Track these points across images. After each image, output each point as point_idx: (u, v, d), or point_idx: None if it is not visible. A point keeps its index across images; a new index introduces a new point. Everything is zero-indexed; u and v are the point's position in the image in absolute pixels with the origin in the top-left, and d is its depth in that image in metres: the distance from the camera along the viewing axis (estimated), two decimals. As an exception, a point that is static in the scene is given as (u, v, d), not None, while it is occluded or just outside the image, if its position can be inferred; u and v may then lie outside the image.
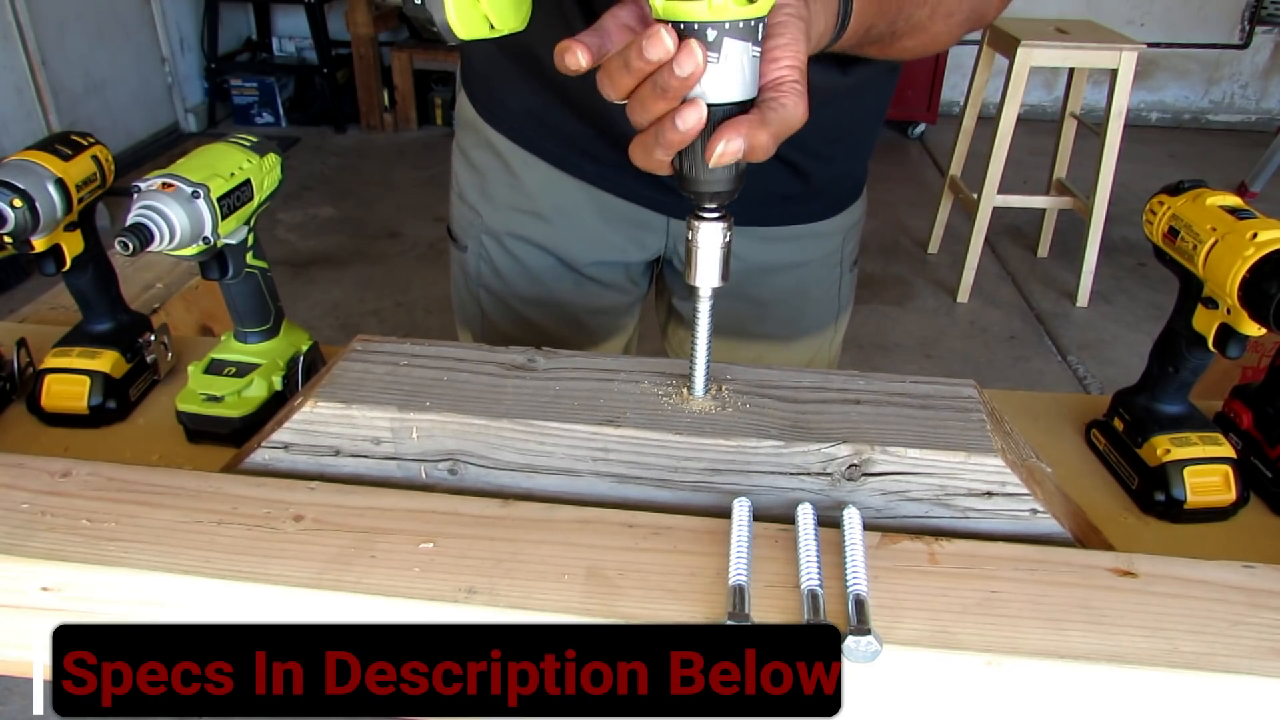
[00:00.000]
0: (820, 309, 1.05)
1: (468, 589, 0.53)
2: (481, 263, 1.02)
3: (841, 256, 1.03)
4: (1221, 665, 0.49)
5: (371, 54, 4.59)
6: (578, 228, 0.97)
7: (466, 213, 1.02)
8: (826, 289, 1.04)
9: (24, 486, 0.60)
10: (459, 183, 1.03)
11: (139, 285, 0.99)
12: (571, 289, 1.00)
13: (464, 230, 1.03)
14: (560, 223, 0.97)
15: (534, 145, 0.94)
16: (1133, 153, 3.75)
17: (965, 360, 2.89)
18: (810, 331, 1.06)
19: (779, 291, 1.01)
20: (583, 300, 1.01)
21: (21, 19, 3.38)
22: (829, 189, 0.97)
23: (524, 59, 0.89)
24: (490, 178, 0.98)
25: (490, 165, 0.98)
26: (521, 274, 1.00)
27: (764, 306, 1.01)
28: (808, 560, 0.53)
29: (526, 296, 1.01)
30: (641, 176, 0.89)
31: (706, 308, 0.62)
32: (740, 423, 0.61)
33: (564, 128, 0.91)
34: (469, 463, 0.62)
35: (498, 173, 0.97)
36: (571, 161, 0.93)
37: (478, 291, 1.04)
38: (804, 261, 1.00)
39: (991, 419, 0.63)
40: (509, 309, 1.03)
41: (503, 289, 1.02)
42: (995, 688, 0.50)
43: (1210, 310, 0.67)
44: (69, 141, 0.74)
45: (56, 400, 0.75)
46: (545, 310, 1.02)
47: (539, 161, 0.94)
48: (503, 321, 1.04)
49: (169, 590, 0.54)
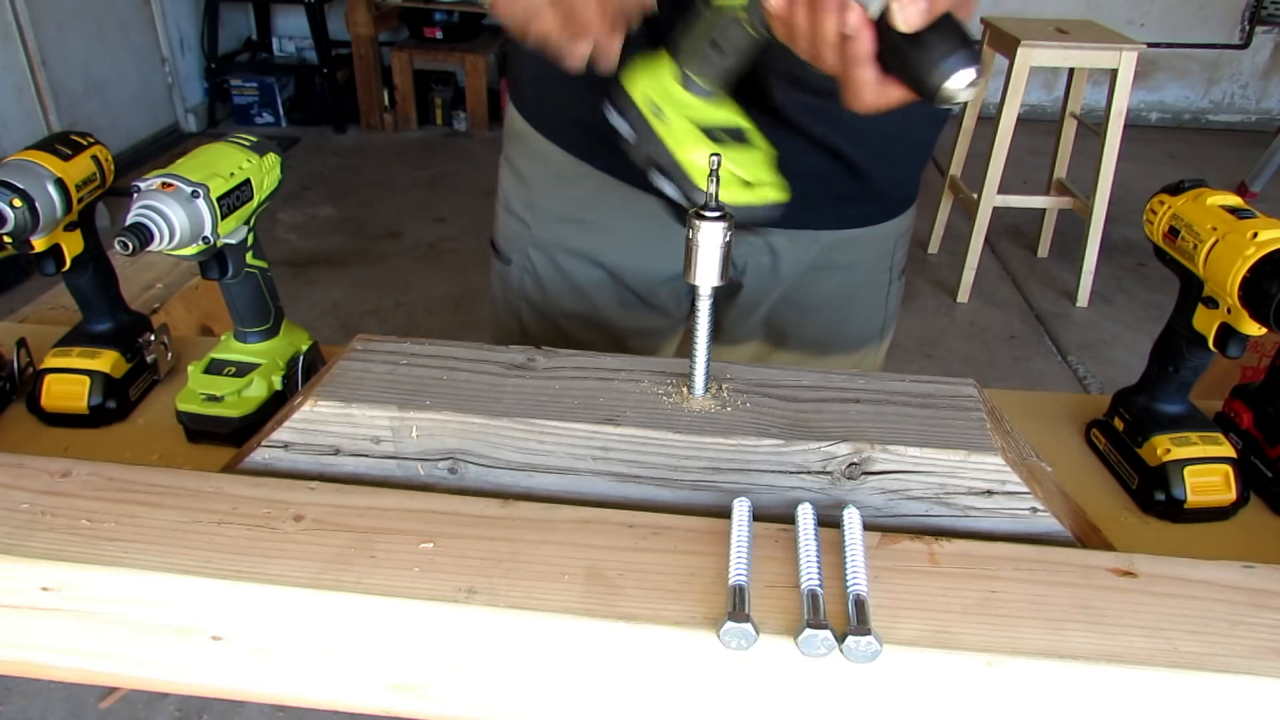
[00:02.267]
0: (865, 318, 1.04)
1: (468, 589, 0.53)
2: (525, 275, 1.01)
3: (891, 263, 1.01)
4: (1221, 665, 0.49)
5: (371, 54, 4.59)
6: (627, 236, 0.96)
7: (513, 224, 1.01)
8: (873, 296, 1.02)
9: (24, 486, 0.60)
10: (506, 194, 1.02)
11: (139, 285, 0.99)
12: (616, 307, 1.00)
13: (509, 242, 1.02)
14: (609, 232, 0.96)
15: (584, 152, 0.93)
16: (1133, 153, 3.76)
17: (965, 360, 2.89)
18: (852, 344, 1.04)
19: (824, 295, 0.99)
20: (626, 321, 1.00)
21: (21, 19, 3.38)
22: (885, 192, 0.96)
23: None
24: (539, 189, 0.98)
25: (539, 176, 0.97)
26: (567, 288, 0.99)
27: (807, 311, 1.00)
28: (808, 560, 0.53)
29: (570, 311, 1.00)
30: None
31: (706, 306, 0.62)
32: (740, 421, 0.61)
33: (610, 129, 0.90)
34: (469, 461, 0.62)
35: (547, 183, 0.97)
36: (621, 168, 0.92)
37: (518, 305, 1.03)
38: (853, 264, 0.98)
39: (991, 418, 0.63)
40: (550, 324, 1.02)
41: (545, 303, 1.01)
42: (995, 688, 0.50)
43: (1210, 310, 0.67)
44: (69, 141, 0.73)
45: (56, 400, 0.75)
46: (587, 327, 1.01)
47: (590, 169, 0.94)
48: (543, 338, 1.02)
49: (169, 590, 0.54)
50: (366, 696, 0.55)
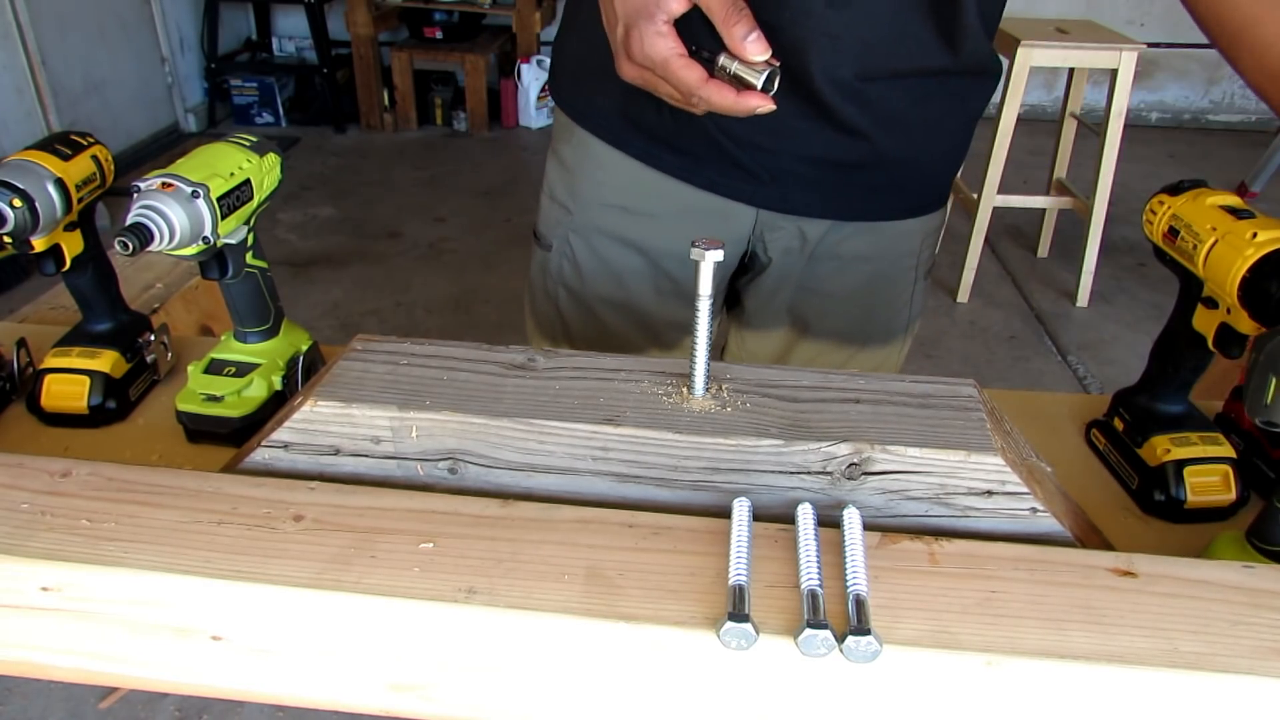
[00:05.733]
0: (889, 315, 1.05)
1: (468, 589, 0.53)
2: (564, 260, 1.03)
3: (918, 260, 1.02)
4: (1221, 665, 0.49)
5: (371, 54, 4.59)
6: (664, 222, 0.97)
7: (555, 210, 1.03)
8: (898, 292, 1.04)
9: (24, 486, 0.60)
10: (550, 182, 1.04)
11: (139, 285, 0.99)
12: (652, 296, 1.01)
13: (551, 228, 1.04)
14: (648, 217, 0.98)
15: (619, 140, 0.96)
16: (1133, 153, 3.76)
17: (965, 360, 2.89)
18: (876, 339, 1.06)
19: (848, 287, 1.01)
20: (662, 311, 1.02)
21: (21, 19, 3.38)
22: (916, 188, 0.98)
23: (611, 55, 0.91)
24: (581, 175, 1.00)
25: (581, 162, 0.99)
26: (604, 274, 1.01)
27: (830, 300, 1.01)
28: (808, 560, 0.53)
29: (606, 298, 1.02)
30: (723, 167, 0.93)
31: (706, 306, 0.62)
32: (740, 422, 0.61)
33: (645, 120, 0.93)
34: (469, 462, 0.62)
35: (588, 169, 0.99)
36: (654, 154, 0.95)
37: (556, 290, 1.05)
38: (878, 256, 1.00)
39: (991, 418, 0.63)
40: (587, 311, 1.03)
41: (583, 289, 1.03)
42: (995, 688, 0.50)
43: (1210, 310, 0.67)
44: (69, 141, 0.73)
45: (56, 400, 0.75)
46: (623, 315, 1.03)
47: (624, 157, 0.96)
48: (579, 324, 1.05)
49: (169, 590, 0.54)
50: (366, 696, 0.55)
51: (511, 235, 3.63)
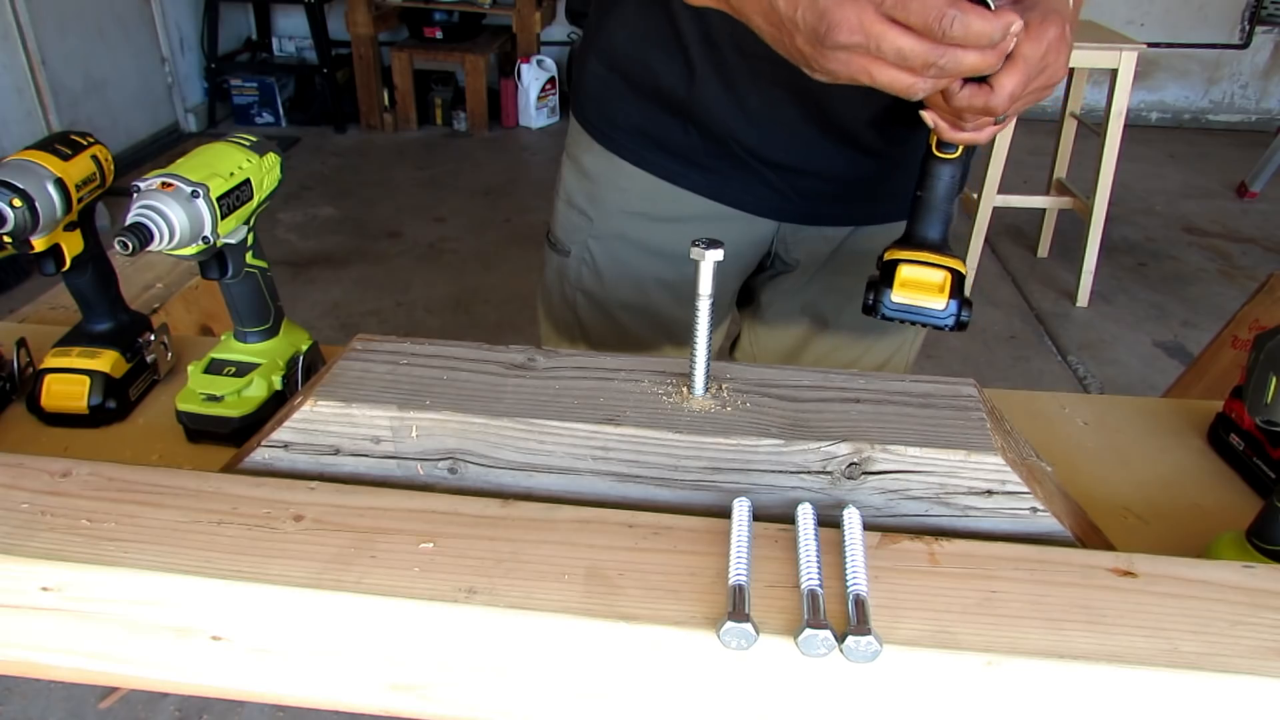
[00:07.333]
0: None
1: (468, 589, 0.53)
2: (584, 266, 1.03)
3: None
4: (1221, 665, 0.49)
5: (371, 54, 4.59)
6: (687, 225, 0.98)
7: (574, 217, 1.03)
8: None
9: (24, 486, 0.60)
10: (567, 188, 1.04)
11: (139, 285, 0.99)
12: (670, 301, 1.02)
13: (569, 235, 1.04)
14: (670, 221, 0.98)
15: (641, 160, 0.96)
16: (1133, 153, 3.76)
17: (965, 360, 2.89)
18: (891, 331, 1.06)
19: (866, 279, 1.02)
20: (682, 314, 1.02)
21: (21, 19, 3.38)
22: None
23: (637, 74, 0.92)
24: (603, 184, 1.00)
25: (603, 173, 1.00)
26: (624, 280, 1.01)
27: (846, 295, 1.02)
28: (808, 560, 0.53)
29: (626, 302, 1.02)
30: (749, 184, 0.95)
31: (706, 305, 0.62)
32: (740, 421, 0.61)
33: (671, 140, 0.94)
34: (469, 461, 0.62)
35: (611, 178, 0.99)
36: (678, 173, 0.96)
37: (574, 295, 1.05)
38: None
39: (991, 418, 0.63)
40: (606, 315, 1.04)
41: (603, 294, 1.03)
42: (995, 688, 0.50)
43: None
44: (69, 141, 0.73)
45: (56, 400, 0.75)
46: (641, 320, 1.03)
47: (646, 175, 0.97)
48: (597, 327, 1.05)
49: (169, 590, 0.54)
50: (366, 696, 0.55)
51: (512, 235, 3.63)
